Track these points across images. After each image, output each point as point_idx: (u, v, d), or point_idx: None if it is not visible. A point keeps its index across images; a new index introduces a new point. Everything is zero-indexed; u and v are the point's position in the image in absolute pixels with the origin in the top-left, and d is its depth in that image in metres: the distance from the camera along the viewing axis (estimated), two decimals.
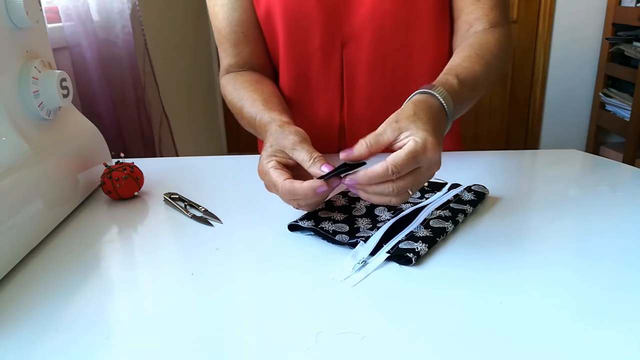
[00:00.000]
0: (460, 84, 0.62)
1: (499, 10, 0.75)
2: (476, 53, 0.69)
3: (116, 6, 1.35)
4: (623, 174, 0.75)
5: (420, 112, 0.54)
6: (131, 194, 0.69)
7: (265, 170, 0.58)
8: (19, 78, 0.59)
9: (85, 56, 1.29)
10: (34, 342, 0.41)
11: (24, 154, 0.57)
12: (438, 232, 0.54)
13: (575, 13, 2.65)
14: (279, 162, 0.58)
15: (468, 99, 0.65)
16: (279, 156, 0.58)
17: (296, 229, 0.57)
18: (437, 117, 0.56)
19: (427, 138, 0.51)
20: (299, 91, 0.82)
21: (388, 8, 0.75)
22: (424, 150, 0.50)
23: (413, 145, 0.50)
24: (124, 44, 1.39)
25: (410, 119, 0.53)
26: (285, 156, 0.58)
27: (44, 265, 0.53)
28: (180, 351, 0.39)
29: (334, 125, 0.84)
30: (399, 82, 0.81)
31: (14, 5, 0.57)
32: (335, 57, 0.79)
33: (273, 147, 0.59)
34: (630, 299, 0.44)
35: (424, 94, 0.58)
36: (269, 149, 0.59)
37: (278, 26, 0.78)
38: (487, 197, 0.65)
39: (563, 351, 0.38)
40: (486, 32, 0.74)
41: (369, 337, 0.40)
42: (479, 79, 0.66)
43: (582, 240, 0.55)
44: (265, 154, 0.59)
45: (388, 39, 0.77)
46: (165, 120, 1.65)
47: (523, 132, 2.97)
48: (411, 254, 0.50)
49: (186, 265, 0.52)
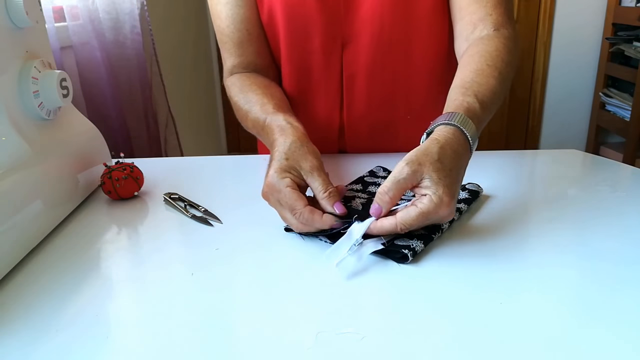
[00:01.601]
0: (482, 107, 0.59)
1: (502, 9, 0.72)
2: (488, 65, 0.65)
3: (126, 7, 1.35)
4: (623, 174, 0.75)
5: (445, 159, 0.51)
6: (131, 194, 0.69)
7: (278, 187, 0.55)
8: (19, 78, 0.59)
9: (94, 56, 1.28)
10: (34, 342, 0.41)
11: (24, 154, 0.57)
12: (434, 229, 0.54)
13: (576, 13, 2.65)
14: (293, 181, 0.56)
15: (487, 119, 0.62)
16: (294, 174, 0.56)
17: (292, 230, 0.57)
18: (461, 162, 0.53)
19: (444, 197, 0.49)
20: (300, 91, 0.82)
21: (387, 9, 0.75)
22: (437, 209, 0.49)
23: (427, 206, 0.49)
24: (133, 44, 1.39)
25: (434, 166, 0.50)
26: (300, 176, 0.56)
27: (44, 265, 0.53)
28: (180, 351, 0.39)
29: (334, 125, 0.84)
30: (398, 83, 0.81)
31: (14, 5, 0.57)
32: (335, 58, 0.79)
33: (289, 161, 0.57)
34: (631, 299, 0.44)
35: (451, 126, 0.55)
36: (284, 163, 0.57)
37: (279, 26, 0.78)
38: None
39: (563, 351, 0.38)
40: (492, 37, 0.70)
41: (369, 337, 0.40)
42: (497, 95, 0.63)
43: (582, 240, 0.55)
44: (279, 167, 0.56)
45: (387, 40, 0.77)
46: (171, 120, 1.65)
47: (523, 132, 2.97)
48: (407, 250, 0.50)
49: (186, 265, 0.52)
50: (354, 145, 0.85)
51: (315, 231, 0.55)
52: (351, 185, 0.67)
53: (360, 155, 0.84)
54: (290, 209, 0.54)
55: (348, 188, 0.66)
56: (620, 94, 2.51)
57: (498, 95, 0.63)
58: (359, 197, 0.62)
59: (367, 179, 0.69)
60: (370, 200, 0.61)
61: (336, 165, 0.80)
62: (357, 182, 0.68)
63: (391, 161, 0.77)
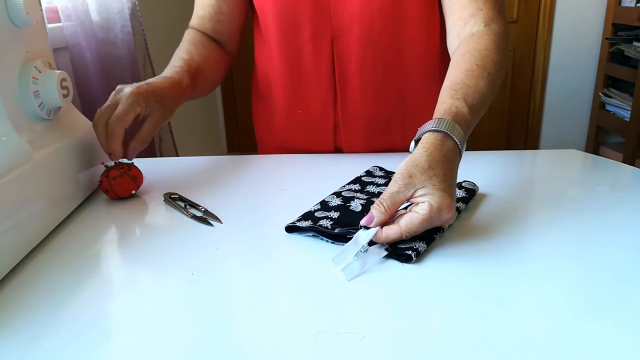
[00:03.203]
0: (470, 110, 0.59)
1: (493, 3, 0.71)
2: (477, 65, 0.65)
3: (116, 6, 1.35)
4: (623, 174, 0.75)
5: (435, 166, 0.52)
6: (128, 192, 0.68)
7: (125, 91, 0.68)
8: (19, 78, 0.59)
9: (85, 56, 1.28)
10: (34, 342, 0.41)
11: (24, 154, 0.57)
12: (435, 230, 0.54)
13: (575, 13, 2.66)
14: (136, 111, 0.68)
15: (475, 122, 0.62)
16: (139, 110, 0.68)
17: (293, 230, 0.57)
18: (452, 166, 0.54)
19: (442, 200, 0.50)
20: (293, 88, 0.83)
21: (377, 2, 0.75)
22: (439, 213, 0.50)
23: (428, 212, 0.50)
24: (124, 44, 1.39)
25: (426, 175, 0.51)
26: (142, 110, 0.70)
27: (44, 265, 0.53)
28: (180, 351, 0.39)
29: (329, 121, 0.84)
30: (390, 77, 0.81)
31: (14, 5, 0.57)
32: (326, 52, 0.79)
33: (139, 102, 0.68)
34: (631, 299, 0.44)
35: (438, 132, 0.55)
36: (138, 100, 0.68)
37: (269, 20, 0.79)
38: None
39: (563, 351, 0.38)
40: (482, 34, 0.70)
41: (368, 337, 0.40)
42: (486, 96, 0.63)
43: (582, 240, 0.55)
44: (134, 99, 0.67)
45: (377, 34, 0.77)
46: None
47: (523, 132, 2.97)
48: (410, 251, 0.50)
49: (186, 265, 0.52)
50: (349, 142, 0.86)
51: (309, 226, 0.55)
52: (349, 185, 0.67)
53: (356, 155, 0.84)
54: (115, 115, 0.65)
55: (346, 188, 0.66)
56: (620, 94, 2.51)
57: (486, 96, 0.64)
58: (359, 198, 0.62)
59: (364, 179, 0.69)
60: (369, 201, 0.61)
61: (332, 165, 0.80)
62: (354, 182, 0.68)
63: (387, 161, 0.77)
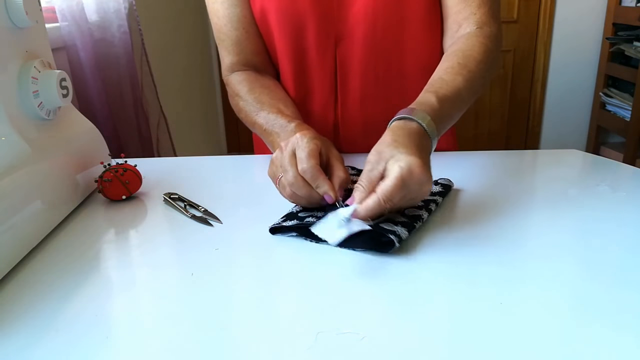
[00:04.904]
0: (439, 100, 0.62)
1: (486, 8, 0.74)
2: (459, 63, 0.68)
3: (112, 6, 1.35)
4: (623, 174, 0.75)
5: (399, 138, 0.55)
6: (118, 197, 0.67)
7: (302, 143, 0.57)
8: (19, 78, 0.59)
9: (81, 56, 1.28)
10: (34, 342, 0.41)
11: (24, 154, 0.57)
12: (414, 218, 0.56)
13: (576, 13, 2.66)
14: (318, 147, 0.58)
15: (451, 113, 0.64)
16: (319, 146, 0.58)
17: (277, 232, 0.57)
18: (418, 139, 0.56)
19: (411, 161, 0.52)
20: (295, 88, 0.83)
21: (380, 6, 0.75)
22: (410, 173, 0.51)
23: (398, 172, 0.51)
24: (121, 44, 1.38)
25: (392, 146, 0.54)
26: (324, 157, 0.59)
27: (43, 265, 0.53)
28: (180, 351, 0.39)
29: (329, 122, 0.84)
30: (392, 81, 0.81)
31: (14, 5, 0.57)
32: (329, 55, 0.80)
33: (320, 141, 0.59)
34: (631, 299, 0.44)
35: (401, 119, 0.59)
36: (316, 139, 0.58)
37: (273, 24, 0.78)
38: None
39: (563, 350, 0.38)
40: (471, 35, 0.73)
41: (369, 337, 0.40)
42: (461, 90, 0.66)
43: (582, 240, 0.55)
44: (311, 135, 0.58)
45: (380, 37, 0.78)
46: (163, 120, 1.65)
47: (523, 132, 2.97)
48: (392, 235, 0.51)
49: (186, 265, 0.52)
50: (348, 143, 0.86)
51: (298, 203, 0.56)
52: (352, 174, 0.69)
53: (356, 154, 0.84)
54: (300, 160, 0.56)
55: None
56: (620, 94, 2.51)
57: (463, 90, 0.66)
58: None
59: None
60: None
61: None
62: (357, 174, 0.69)
63: None
